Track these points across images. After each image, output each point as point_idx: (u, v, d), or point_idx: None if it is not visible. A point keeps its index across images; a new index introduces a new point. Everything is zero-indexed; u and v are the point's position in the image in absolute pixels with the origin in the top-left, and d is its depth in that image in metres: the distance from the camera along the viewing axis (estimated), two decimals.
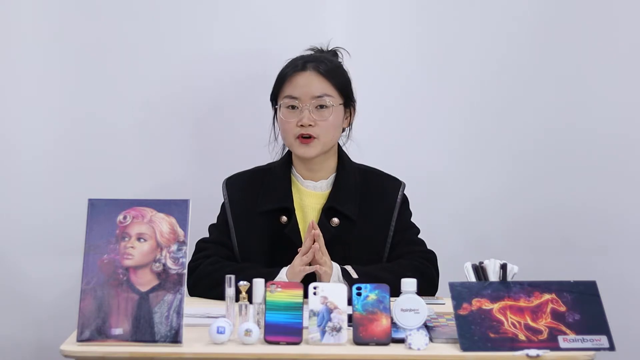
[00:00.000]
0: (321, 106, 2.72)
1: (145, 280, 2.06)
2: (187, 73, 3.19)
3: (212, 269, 2.64)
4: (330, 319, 2.06)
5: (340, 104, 2.75)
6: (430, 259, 2.73)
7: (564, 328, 2.05)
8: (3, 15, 3.13)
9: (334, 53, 2.85)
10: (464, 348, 2.02)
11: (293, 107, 2.72)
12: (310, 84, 2.72)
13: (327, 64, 2.75)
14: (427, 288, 2.60)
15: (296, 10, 3.19)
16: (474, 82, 3.22)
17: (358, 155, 2.86)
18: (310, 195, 2.76)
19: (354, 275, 2.57)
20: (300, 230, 2.71)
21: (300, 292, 2.10)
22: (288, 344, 2.04)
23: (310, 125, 2.70)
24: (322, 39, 2.86)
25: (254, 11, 3.19)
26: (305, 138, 2.70)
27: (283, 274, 2.58)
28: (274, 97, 2.78)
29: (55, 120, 3.16)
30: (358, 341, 2.05)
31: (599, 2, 3.18)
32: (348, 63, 2.84)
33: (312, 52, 2.83)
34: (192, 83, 3.19)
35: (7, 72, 3.14)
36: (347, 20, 3.19)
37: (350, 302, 2.09)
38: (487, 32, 3.21)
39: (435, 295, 2.67)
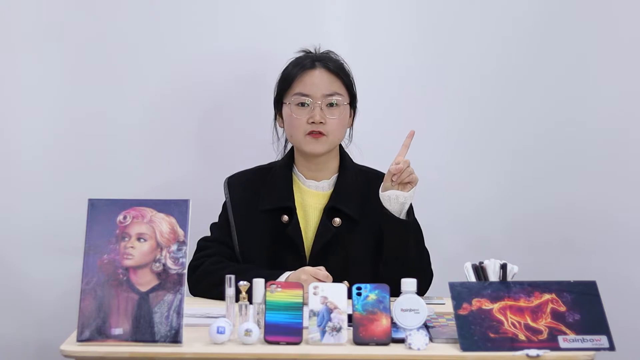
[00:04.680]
0: (331, 104, 2.72)
1: (145, 280, 2.06)
2: (187, 73, 3.19)
3: (214, 269, 2.63)
4: (330, 319, 2.06)
5: (347, 103, 2.75)
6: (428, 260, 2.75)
7: (564, 328, 2.05)
8: (3, 15, 3.13)
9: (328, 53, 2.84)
10: (464, 348, 2.02)
11: (303, 104, 2.72)
12: (322, 81, 2.72)
13: (335, 62, 2.76)
14: (423, 286, 2.62)
15: (295, 10, 3.18)
16: (472, 82, 3.22)
17: (357, 155, 2.86)
18: (312, 195, 2.76)
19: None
20: (302, 229, 2.71)
21: (300, 292, 2.10)
22: (288, 344, 2.04)
23: (321, 122, 2.70)
24: (321, 38, 2.86)
25: (254, 11, 3.18)
26: (315, 134, 2.71)
27: (284, 279, 2.57)
28: (280, 97, 2.77)
29: (55, 120, 3.16)
30: (358, 341, 2.05)
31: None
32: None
33: (305, 52, 2.82)
34: (192, 83, 3.19)
35: (7, 72, 3.14)
36: (346, 20, 3.19)
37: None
38: (486, 30, 3.20)
39: (429, 295, 2.66)
